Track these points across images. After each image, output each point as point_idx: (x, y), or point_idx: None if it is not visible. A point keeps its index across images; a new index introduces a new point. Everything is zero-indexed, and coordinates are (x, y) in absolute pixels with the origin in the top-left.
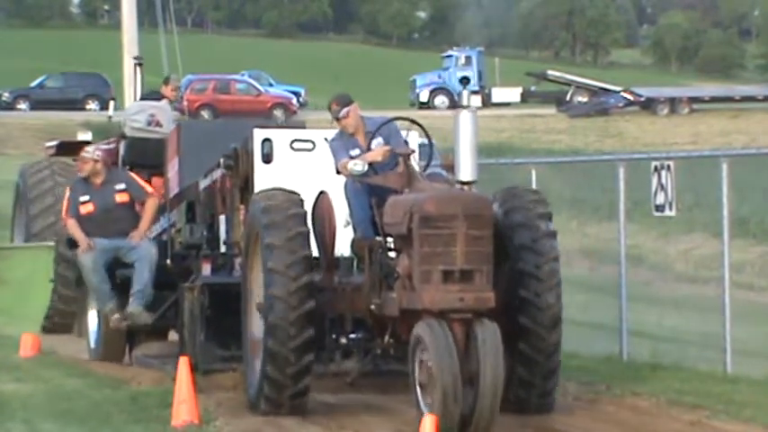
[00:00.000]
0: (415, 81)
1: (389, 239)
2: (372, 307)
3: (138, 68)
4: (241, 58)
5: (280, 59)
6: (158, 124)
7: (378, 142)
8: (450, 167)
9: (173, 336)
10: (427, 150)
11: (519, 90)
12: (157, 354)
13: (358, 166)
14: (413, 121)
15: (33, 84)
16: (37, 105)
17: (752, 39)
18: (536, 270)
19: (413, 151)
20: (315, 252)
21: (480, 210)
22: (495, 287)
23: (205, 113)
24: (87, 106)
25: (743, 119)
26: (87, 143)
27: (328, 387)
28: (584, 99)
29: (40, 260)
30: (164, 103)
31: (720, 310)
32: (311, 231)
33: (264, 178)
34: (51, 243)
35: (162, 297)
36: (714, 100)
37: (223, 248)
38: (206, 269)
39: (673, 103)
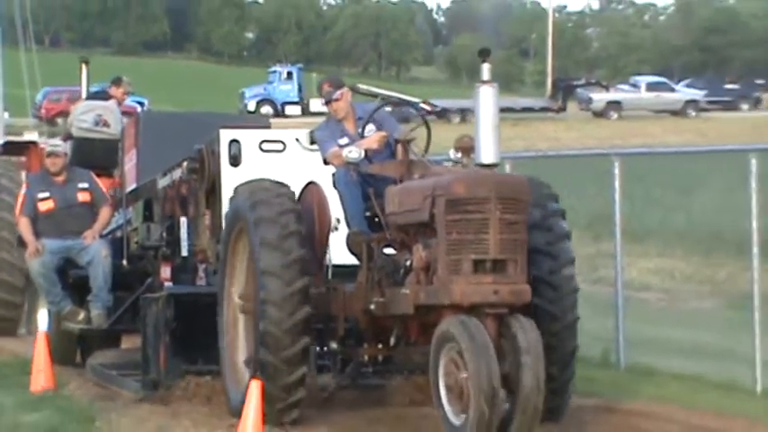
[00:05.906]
0: (243, 93)
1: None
2: (372, 306)
3: (84, 67)
4: (92, 72)
5: (126, 74)
6: (106, 124)
7: (371, 129)
8: (465, 150)
9: (126, 341)
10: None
11: None
12: (115, 363)
13: (354, 153)
14: (422, 104)
15: None
16: None
17: (530, 58)
18: (551, 276)
19: (414, 138)
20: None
21: (516, 192)
22: None
23: (60, 120)
24: None
25: (522, 126)
26: (33, 143)
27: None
28: (389, 109)
29: None
30: (112, 102)
31: None
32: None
33: (232, 182)
34: None
35: (117, 300)
36: (498, 110)
37: (185, 252)
38: (165, 272)
39: (463, 112)
